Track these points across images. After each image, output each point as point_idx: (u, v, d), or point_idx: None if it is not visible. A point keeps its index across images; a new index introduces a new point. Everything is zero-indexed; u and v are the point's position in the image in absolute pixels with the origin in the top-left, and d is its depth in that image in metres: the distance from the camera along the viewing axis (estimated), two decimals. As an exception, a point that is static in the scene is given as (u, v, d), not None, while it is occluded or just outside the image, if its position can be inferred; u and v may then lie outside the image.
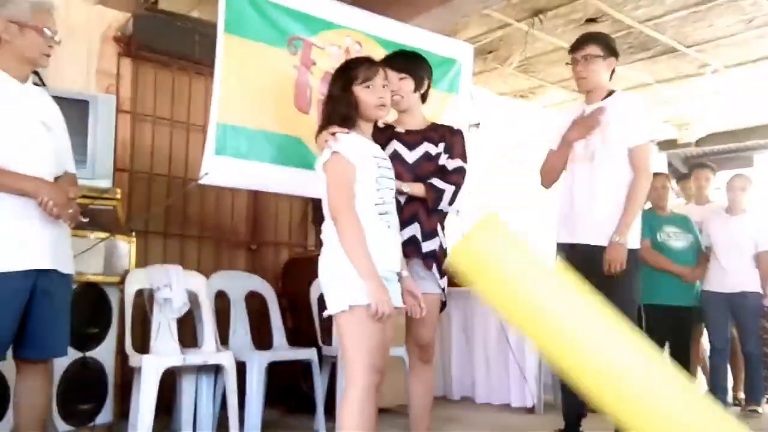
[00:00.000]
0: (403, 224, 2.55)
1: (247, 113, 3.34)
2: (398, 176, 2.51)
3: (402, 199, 2.58)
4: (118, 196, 3.31)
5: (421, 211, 2.68)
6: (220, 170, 3.25)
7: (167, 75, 4.37)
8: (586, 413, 3.13)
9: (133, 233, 3.42)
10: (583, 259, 2.97)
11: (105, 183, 3.25)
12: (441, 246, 2.78)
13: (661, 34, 5.19)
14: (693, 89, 6.44)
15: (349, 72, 2.32)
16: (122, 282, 3.15)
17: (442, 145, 2.75)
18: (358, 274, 2.08)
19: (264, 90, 3.40)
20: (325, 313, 2.19)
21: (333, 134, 2.25)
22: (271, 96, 3.43)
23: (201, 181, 3.25)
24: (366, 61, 2.38)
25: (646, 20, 4.95)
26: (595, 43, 3.06)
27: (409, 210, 2.63)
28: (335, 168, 2.19)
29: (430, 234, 2.70)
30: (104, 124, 3.31)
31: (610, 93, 3.10)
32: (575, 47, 3.11)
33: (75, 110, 2.95)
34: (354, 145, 2.22)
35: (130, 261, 3.24)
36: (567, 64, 3.20)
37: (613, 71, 3.13)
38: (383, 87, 2.32)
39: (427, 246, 2.67)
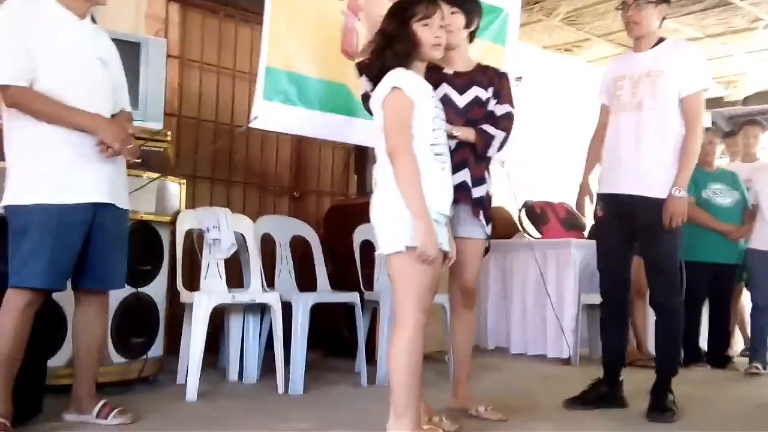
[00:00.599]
0: (454, 169, 2.56)
1: (295, 58, 3.37)
2: (449, 120, 2.51)
3: (452, 144, 2.58)
4: (169, 138, 3.37)
5: (471, 157, 2.70)
6: (269, 115, 3.30)
7: (214, 21, 4.39)
8: (626, 363, 3.16)
9: (183, 176, 3.49)
10: (628, 210, 2.96)
11: (156, 125, 3.30)
12: (488, 193, 2.80)
13: (715, -15, 5.03)
14: (743, 45, 6.24)
15: (408, 8, 2.25)
16: (173, 222, 3.23)
17: (491, 90, 2.74)
18: (412, 215, 2.08)
19: (312, 35, 3.41)
20: (378, 253, 2.18)
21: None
22: (319, 41, 3.45)
23: (251, 125, 3.30)
24: None
25: (701, -30, 4.80)
26: None
27: (459, 155, 2.63)
28: (395, 104, 2.13)
29: (479, 180, 2.72)
30: (155, 67, 3.34)
31: (661, 40, 3.03)
32: None
33: (127, 52, 2.96)
34: (413, 83, 2.18)
35: (181, 202, 3.31)
36: (617, 8, 3.12)
37: (663, 19, 3.05)
38: (440, 27, 2.26)
39: (477, 192, 2.70)
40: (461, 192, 2.60)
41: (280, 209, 4.67)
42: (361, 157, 4.72)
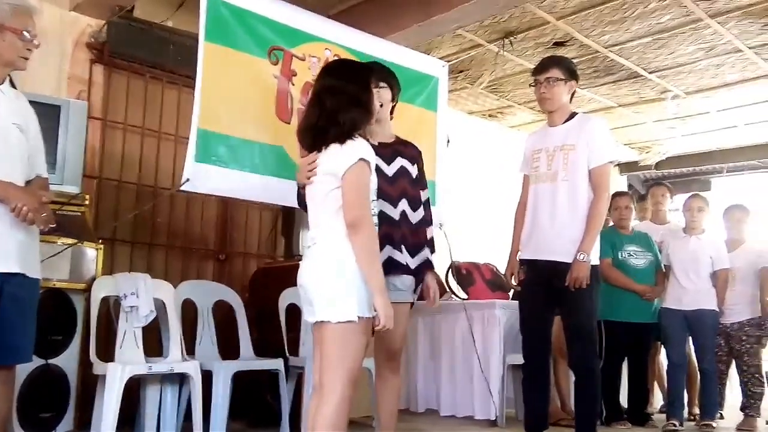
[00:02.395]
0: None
1: (228, 121, 3.36)
2: (379, 189, 2.55)
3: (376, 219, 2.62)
4: (87, 203, 3.29)
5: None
6: (201, 177, 3.25)
7: (140, 83, 4.37)
8: (548, 426, 3.20)
9: (101, 240, 3.40)
10: (547, 274, 3.07)
11: (74, 189, 3.23)
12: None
13: (625, 59, 5.36)
14: (654, 114, 6.65)
15: (367, 71, 2.22)
16: (88, 289, 3.13)
17: (416, 168, 2.81)
18: (372, 289, 2.05)
19: (245, 98, 3.42)
20: (313, 319, 2.12)
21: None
22: (253, 105, 3.46)
23: (182, 188, 3.24)
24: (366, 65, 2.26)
25: (612, 45, 5.12)
26: (557, 66, 3.19)
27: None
28: (361, 175, 2.09)
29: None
30: (75, 129, 3.29)
31: (573, 115, 3.21)
32: (538, 70, 3.22)
33: (46, 115, 2.92)
34: (372, 155, 2.14)
35: (97, 268, 3.23)
36: (530, 85, 3.31)
37: (573, 94, 3.25)
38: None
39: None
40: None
41: (205, 272, 4.58)
42: (289, 219, 4.71)
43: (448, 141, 4.37)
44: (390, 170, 2.75)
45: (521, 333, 3.24)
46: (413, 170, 2.79)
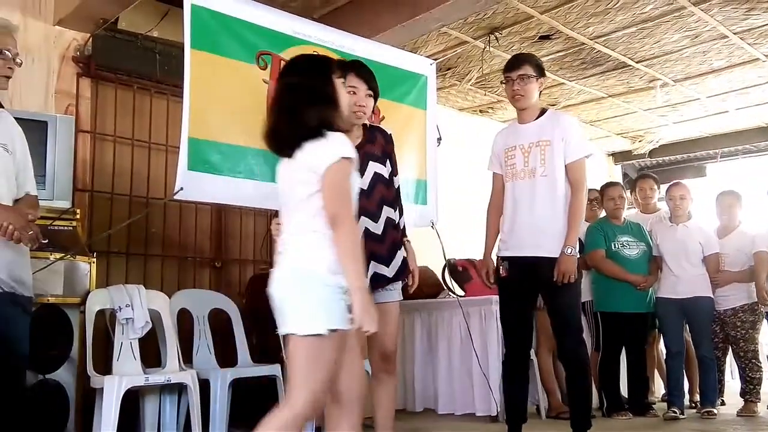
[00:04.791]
0: None
1: (218, 128, 3.36)
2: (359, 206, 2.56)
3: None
4: (78, 217, 3.31)
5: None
6: (194, 185, 3.26)
7: (128, 94, 4.38)
8: (527, 419, 3.26)
9: (94, 253, 3.41)
10: (529, 270, 3.09)
11: (64, 203, 3.25)
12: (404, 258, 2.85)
13: (611, 50, 5.37)
14: (644, 103, 6.66)
15: (327, 64, 2.10)
16: (83, 303, 3.15)
17: (387, 160, 2.77)
18: (351, 287, 1.92)
19: (235, 104, 3.42)
20: (282, 332, 1.98)
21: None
22: (243, 111, 3.45)
23: (176, 197, 3.25)
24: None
25: (597, 37, 5.13)
26: (528, 63, 3.20)
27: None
28: (344, 173, 1.98)
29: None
30: (63, 144, 3.31)
31: (543, 111, 3.24)
32: (510, 67, 3.23)
33: (34, 131, 2.94)
34: (352, 151, 2.01)
35: (91, 281, 3.24)
36: (501, 83, 3.32)
37: (541, 92, 3.27)
38: (365, 96, 2.22)
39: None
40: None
41: (202, 280, 4.59)
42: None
43: (440, 139, 4.39)
44: (365, 182, 2.66)
45: (502, 328, 3.30)
46: (385, 168, 2.75)
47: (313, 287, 1.93)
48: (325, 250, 1.96)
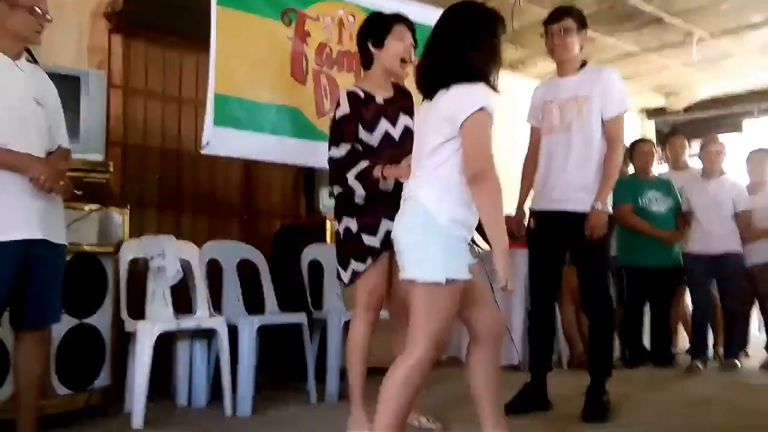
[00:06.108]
0: None
1: (244, 84, 3.42)
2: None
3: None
4: (111, 169, 3.41)
5: None
6: (220, 140, 3.35)
7: (158, 50, 4.45)
8: (552, 368, 3.34)
9: (128, 206, 3.53)
10: (558, 224, 3.10)
11: (97, 156, 3.33)
12: None
13: (646, 3, 5.23)
14: (679, 58, 6.49)
15: (495, 16, 2.14)
16: (116, 252, 3.27)
17: (412, 121, 2.78)
18: (495, 250, 1.97)
19: (260, 61, 3.47)
20: (402, 276, 2.01)
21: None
22: (268, 67, 3.51)
23: (202, 151, 3.34)
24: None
25: (631, -11, 5.01)
26: (570, 16, 3.16)
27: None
28: (483, 126, 1.96)
29: None
30: (95, 99, 3.38)
31: (583, 65, 3.19)
32: (552, 20, 3.19)
33: (67, 86, 3.01)
34: (492, 104, 1.99)
35: (124, 232, 3.35)
36: (541, 36, 3.28)
37: (582, 47, 3.21)
38: None
39: None
40: None
41: (231, 232, 4.72)
42: (309, 178, 4.80)
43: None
44: (396, 132, 2.73)
45: (530, 281, 3.33)
46: (412, 122, 2.75)
47: (436, 237, 1.95)
48: (451, 201, 1.99)
